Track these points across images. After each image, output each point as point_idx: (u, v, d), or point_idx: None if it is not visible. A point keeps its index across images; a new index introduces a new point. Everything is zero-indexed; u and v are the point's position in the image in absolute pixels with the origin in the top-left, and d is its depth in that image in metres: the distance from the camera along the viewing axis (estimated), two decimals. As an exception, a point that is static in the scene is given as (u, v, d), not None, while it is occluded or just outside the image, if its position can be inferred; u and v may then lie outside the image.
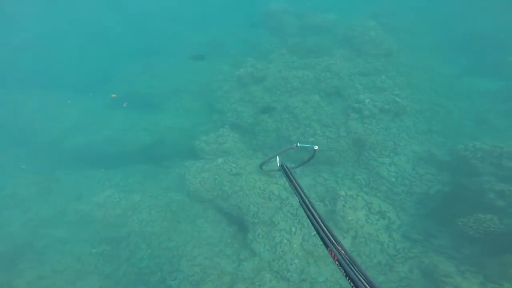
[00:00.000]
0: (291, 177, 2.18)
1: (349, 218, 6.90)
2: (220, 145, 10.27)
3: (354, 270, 1.19)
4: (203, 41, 17.36)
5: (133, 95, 16.21)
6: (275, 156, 2.65)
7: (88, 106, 16.00)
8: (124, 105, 12.53)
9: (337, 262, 1.27)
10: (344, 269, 1.21)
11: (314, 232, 7.41)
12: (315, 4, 15.54)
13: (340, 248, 1.34)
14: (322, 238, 1.45)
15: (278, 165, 2.51)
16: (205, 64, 16.10)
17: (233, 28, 18.56)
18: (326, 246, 1.39)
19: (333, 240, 1.41)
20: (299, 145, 2.47)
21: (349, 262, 1.25)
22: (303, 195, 1.89)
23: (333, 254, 1.32)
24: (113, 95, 11.70)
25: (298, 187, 2.01)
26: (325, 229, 1.50)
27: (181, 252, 8.76)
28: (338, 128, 9.13)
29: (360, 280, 1.13)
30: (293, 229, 7.67)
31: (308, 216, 1.71)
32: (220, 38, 16.85)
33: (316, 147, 2.38)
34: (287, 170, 2.32)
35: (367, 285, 1.10)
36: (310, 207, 1.75)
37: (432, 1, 17.33)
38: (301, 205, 1.84)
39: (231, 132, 10.70)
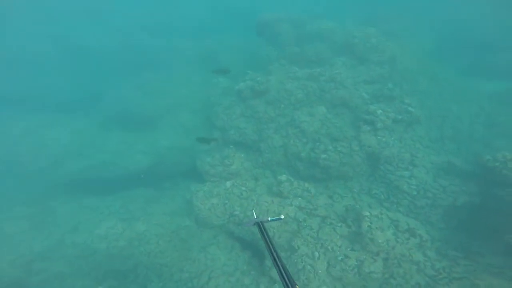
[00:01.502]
0: (265, 235, 2.44)
1: (380, 241, 6.66)
2: (226, 167, 9.94)
3: None
4: (197, 53, 16.99)
5: (126, 114, 15.64)
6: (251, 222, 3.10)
7: (79, 127, 15.32)
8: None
9: None
10: None
11: (341, 257, 7.15)
12: (309, 12, 15.42)
13: None
14: None
15: (255, 220, 2.88)
16: (201, 77, 15.76)
17: (228, 38, 18.27)
18: None
19: None
20: (269, 219, 2.94)
21: None
22: (275, 254, 2.11)
23: None
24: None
25: (271, 246, 2.21)
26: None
27: (196, 284, 8.34)
28: (350, 142, 8.97)
29: None
30: (316, 254, 7.39)
31: (278, 274, 1.91)
32: (214, 49, 16.53)
33: (282, 217, 3.10)
34: (262, 228, 2.63)
35: None
36: (281, 267, 1.94)
37: (425, 4, 17.55)
38: (273, 263, 2.06)
39: (237, 152, 10.36)
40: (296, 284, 1.80)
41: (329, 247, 7.38)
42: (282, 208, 8.70)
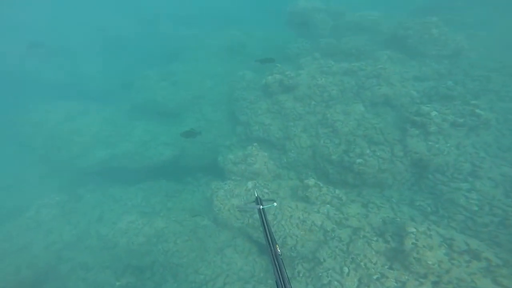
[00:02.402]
0: (265, 220, 2.52)
1: (429, 262, 5.59)
2: (248, 166, 9.25)
3: None
4: (223, 44, 16.31)
5: (152, 104, 15.49)
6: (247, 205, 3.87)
7: (108, 115, 15.50)
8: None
9: None
10: None
11: (377, 276, 6.21)
12: (349, 1, 13.93)
13: None
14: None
15: (257, 207, 2.86)
16: (226, 69, 15.12)
17: (256, 29, 17.36)
18: None
19: None
20: (261, 207, 2.86)
21: None
22: (271, 241, 2.18)
23: None
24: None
25: (268, 232, 2.29)
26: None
27: (211, 289, 7.84)
28: (392, 146, 7.80)
29: None
30: (346, 269, 6.51)
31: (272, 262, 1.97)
32: (241, 40, 15.71)
33: (275, 203, 3.11)
34: (263, 214, 2.69)
35: None
36: (274, 256, 2.01)
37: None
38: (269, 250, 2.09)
39: (260, 151, 9.60)
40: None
41: (361, 263, 6.46)
42: (308, 214, 7.88)
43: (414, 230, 6.03)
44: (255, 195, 3.24)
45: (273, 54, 12.63)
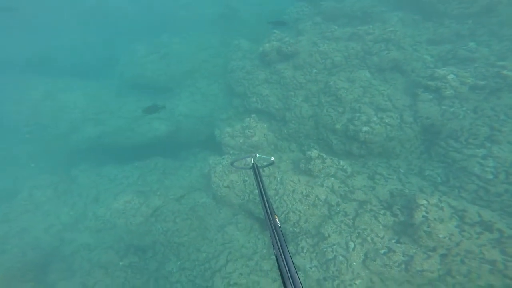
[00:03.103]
0: (259, 179, 2.42)
1: (440, 236, 5.33)
2: (247, 139, 8.73)
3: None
4: (216, 12, 15.04)
5: (142, 79, 14.54)
6: (240, 159, 3.66)
7: (94, 91, 14.56)
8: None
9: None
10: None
11: (384, 250, 6.00)
12: None
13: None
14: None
15: (251, 163, 2.76)
16: (220, 39, 14.05)
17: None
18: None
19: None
20: (257, 155, 2.92)
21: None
22: (266, 201, 2.04)
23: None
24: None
25: (263, 191, 2.18)
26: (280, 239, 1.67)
27: (213, 266, 7.69)
28: (402, 112, 7.28)
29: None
30: (351, 244, 6.29)
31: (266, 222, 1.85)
32: (234, 6, 14.45)
33: (272, 158, 3.17)
34: (257, 171, 2.56)
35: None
36: (269, 214, 1.86)
37: None
38: (262, 208, 1.99)
39: (259, 122, 9.03)
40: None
41: (368, 238, 6.22)
42: (311, 188, 7.54)
43: (425, 202, 5.70)
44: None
45: (270, 19, 11.62)
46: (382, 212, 6.35)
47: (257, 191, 2.35)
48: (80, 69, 17.60)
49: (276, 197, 7.82)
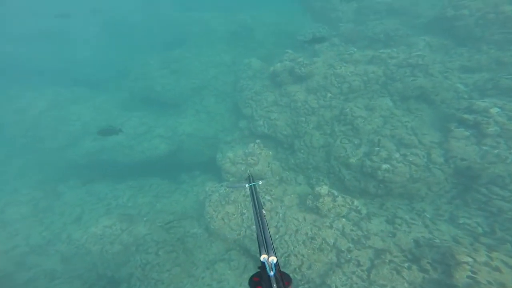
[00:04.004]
0: (255, 197, 2.41)
1: None
2: (249, 167, 7.95)
3: None
4: (230, 30, 15.02)
5: (150, 93, 14.39)
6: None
7: (101, 104, 14.47)
8: None
9: None
10: None
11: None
12: None
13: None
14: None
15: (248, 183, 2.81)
16: (232, 57, 13.83)
17: (266, 14, 15.97)
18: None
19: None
20: (246, 185, 2.84)
21: None
22: (260, 221, 1.99)
23: None
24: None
25: (257, 211, 2.13)
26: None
27: (195, 314, 6.63)
28: (429, 150, 6.32)
29: None
30: (363, 305, 5.12)
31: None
32: (249, 25, 14.35)
33: (261, 182, 3.10)
34: (254, 191, 2.58)
35: None
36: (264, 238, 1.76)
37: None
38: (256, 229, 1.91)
39: (264, 149, 8.29)
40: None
41: (385, 300, 5.08)
42: (318, 229, 6.56)
43: (469, 259, 4.56)
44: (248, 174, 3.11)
45: (284, 40, 11.30)
46: (406, 265, 5.23)
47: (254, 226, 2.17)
48: (93, 81, 17.88)
49: (276, 236, 6.86)
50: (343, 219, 6.55)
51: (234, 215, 7.49)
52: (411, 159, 6.21)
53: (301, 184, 8.30)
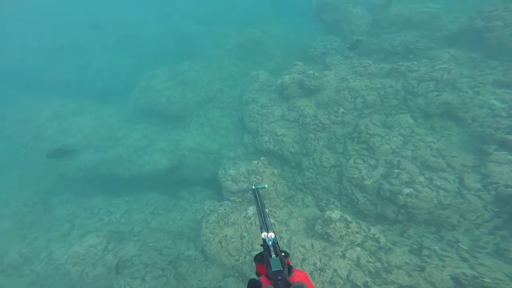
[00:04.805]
0: (259, 202, 2.65)
1: None
2: (252, 186, 7.26)
3: None
4: (239, 43, 14.93)
5: (155, 105, 14.17)
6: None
7: (105, 116, 14.29)
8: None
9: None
10: None
11: None
12: None
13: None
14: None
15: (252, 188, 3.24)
16: (240, 70, 13.60)
17: (276, 27, 15.88)
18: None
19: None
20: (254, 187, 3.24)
21: None
22: (261, 209, 2.38)
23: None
24: None
25: (262, 215, 2.30)
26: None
27: None
28: (461, 174, 5.59)
29: None
30: None
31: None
32: (259, 38, 14.21)
33: (266, 186, 4.72)
34: (257, 194, 2.88)
35: None
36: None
37: None
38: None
39: (268, 167, 7.70)
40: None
41: None
42: (328, 259, 5.80)
43: None
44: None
45: (294, 52, 10.98)
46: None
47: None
48: (101, 92, 17.96)
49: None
50: (358, 248, 5.78)
51: (233, 238, 6.79)
52: (439, 184, 5.48)
53: (309, 206, 7.60)
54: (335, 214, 6.09)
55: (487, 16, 7.90)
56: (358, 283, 5.20)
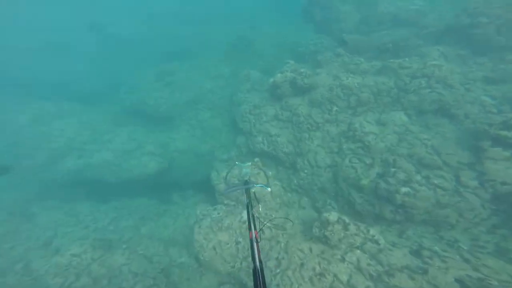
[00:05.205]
0: (250, 202, 2.79)
1: None
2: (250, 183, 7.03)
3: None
4: (229, 42, 14.67)
5: (142, 107, 13.72)
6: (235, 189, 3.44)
7: (89, 119, 13.68)
8: None
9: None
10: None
11: None
12: None
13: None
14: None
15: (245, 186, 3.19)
16: (230, 69, 13.34)
17: (266, 25, 15.72)
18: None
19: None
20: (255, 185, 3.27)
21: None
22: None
23: None
24: None
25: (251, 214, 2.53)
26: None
27: None
28: (457, 171, 5.53)
29: None
30: None
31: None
32: (249, 37, 14.02)
33: (269, 189, 3.46)
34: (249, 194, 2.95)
35: None
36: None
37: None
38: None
39: (263, 168, 7.48)
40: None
41: None
42: (327, 263, 5.62)
43: None
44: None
45: (285, 51, 10.82)
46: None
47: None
48: (85, 94, 17.26)
49: (278, 271, 5.89)
50: (358, 251, 5.62)
51: (228, 244, 6.53)
52: (436, 182, 5.40)
53: (305, 207, 7.43)
54: (333, 216, 5.92)
55: (472, 13, 7.95)
56: (359, 288, 5.05)
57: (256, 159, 7.67)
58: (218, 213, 7.14)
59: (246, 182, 3.38)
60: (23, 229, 8.58)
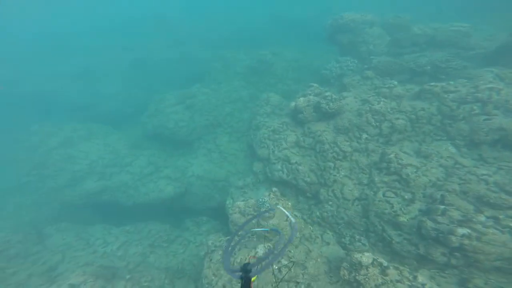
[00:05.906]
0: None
1: None
2: (262, 221, 6.28)
3: None
4: (249, 66, 14.54)
5: (163, 130, 13.59)
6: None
7: (113, 141, 13.72)
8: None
9: None
10: None
11: None
12: (412, 13, 11.12)
13: None
14: None
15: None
16: (250, 93, 13.02)
17: (288, 49, 15.51)
18: None
19: None
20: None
21: None
22: None
23: None
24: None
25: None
26: None
27: None
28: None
29: None
30: None
31: None
32: (269, 60, 13.77)
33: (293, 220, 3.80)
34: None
35: None
36: None
37: None
38: None
39: (281, 199, 6.69)
40: None
41: None
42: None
43: None
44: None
45: (307, 74, 10.31)
46: None
47: None
48: (112, 117, 17.69)
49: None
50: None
51: (239, 283, 5.63)
52: (511, 225, 4.32)
53: (330, 243, 6.45)
54: (366, 257, 4.94)
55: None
56: None
57: (274, 189, 6.91)
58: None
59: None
60: (33, 251, 8.23)
